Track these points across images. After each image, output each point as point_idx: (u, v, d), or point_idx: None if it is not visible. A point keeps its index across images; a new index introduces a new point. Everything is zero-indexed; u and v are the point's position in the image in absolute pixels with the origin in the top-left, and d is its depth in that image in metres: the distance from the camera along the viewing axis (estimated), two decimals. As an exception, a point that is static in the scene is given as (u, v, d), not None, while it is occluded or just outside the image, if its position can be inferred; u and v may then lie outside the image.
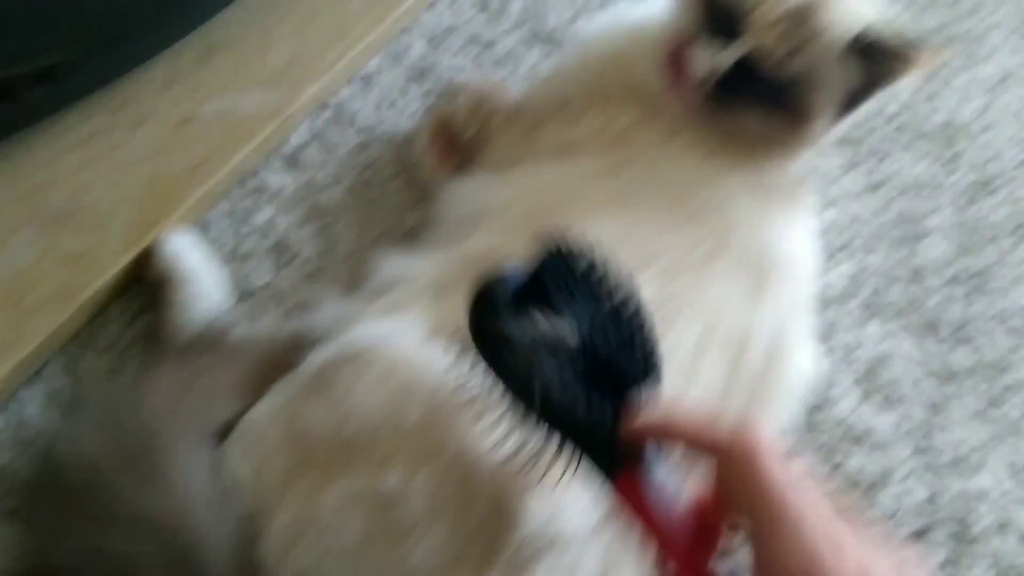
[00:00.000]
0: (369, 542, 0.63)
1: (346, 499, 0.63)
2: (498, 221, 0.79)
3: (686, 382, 0.70)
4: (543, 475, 0.55)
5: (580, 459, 0.54)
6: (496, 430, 0.57)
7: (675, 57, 0.81)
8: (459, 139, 0.93)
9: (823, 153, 1.03)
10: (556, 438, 0.53)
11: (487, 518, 0.63)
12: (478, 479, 0.63)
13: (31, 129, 0.86)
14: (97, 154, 0.87)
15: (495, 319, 0.54)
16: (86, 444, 0.63)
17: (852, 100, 0.79)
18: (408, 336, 0.70)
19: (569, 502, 0.64)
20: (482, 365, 0.54)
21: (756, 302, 0.74)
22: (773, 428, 0.77)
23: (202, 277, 0.81)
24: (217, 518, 0.63)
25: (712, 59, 0.77)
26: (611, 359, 0.54)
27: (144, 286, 0.83)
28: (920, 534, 0.77)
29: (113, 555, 0.61)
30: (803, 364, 0.80)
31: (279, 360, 0.73)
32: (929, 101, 1.10)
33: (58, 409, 0.77)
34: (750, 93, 0.78)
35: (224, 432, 0.69)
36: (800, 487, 0.46)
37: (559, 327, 0.54)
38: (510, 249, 0.74)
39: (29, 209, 0.83)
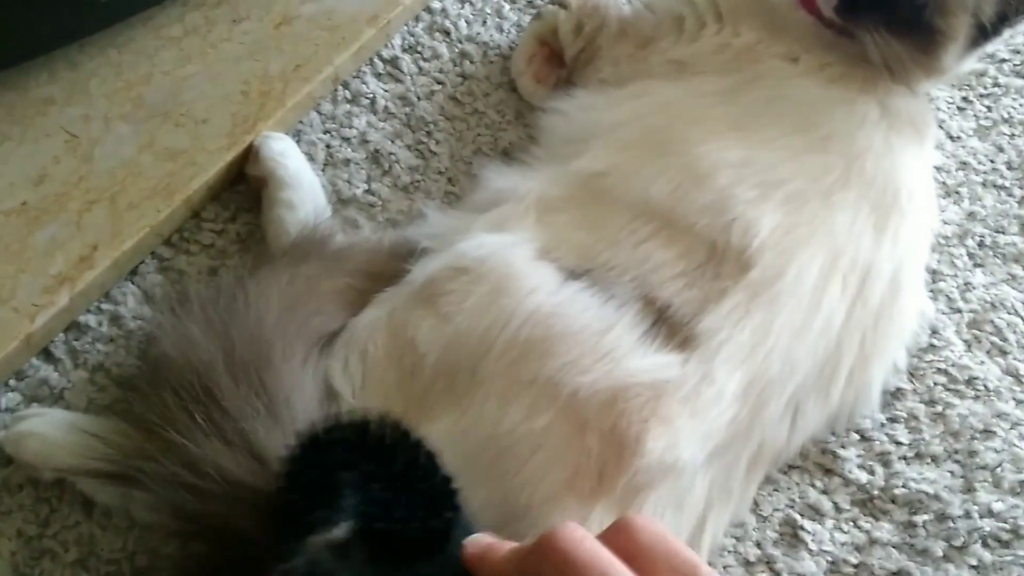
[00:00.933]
0: (475, 476, 0.60)
1: (450, 434, 0.61)
2: (610, 141, 0.76)
3: (810, 311, 0.68)
4: None
5: None
6: None
7: None
8: (563, 54, 0.89)
9: (933, 90, 0.99)
10: None
11: (599, 446, 0.61)
12: (585, 407, 0.61)
13: (129, 23, 0.84)
14: (195, 51, 0.84)
15: None
16: (191, 346, 0.60)
17: (987, 30, 0.76)
18: (518, 253, 0.68)
19: (687, 431, 0.63)
20: None
21: (880, 235, 0.72)
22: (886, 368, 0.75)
23: (302, 180, 0.79)
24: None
25: None
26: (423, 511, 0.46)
27: (241, 189, 0.82)
28: (1022, 485, 0.76)
29: (205, 475, 0.56)
30: (918, 303, 0.78)
31: (383, 270, 0.72)
32: (1044, 45, 1.05)
33: (154, 308, 0.76)
34: (883, 12, 0.74)
35: (328, 342, 0.67)
36: None
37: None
38: (626, 169, 0.73)
39: (128, 103, 0.81)
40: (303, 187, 0.78)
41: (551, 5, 0.91)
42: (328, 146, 0.86)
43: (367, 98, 0.89)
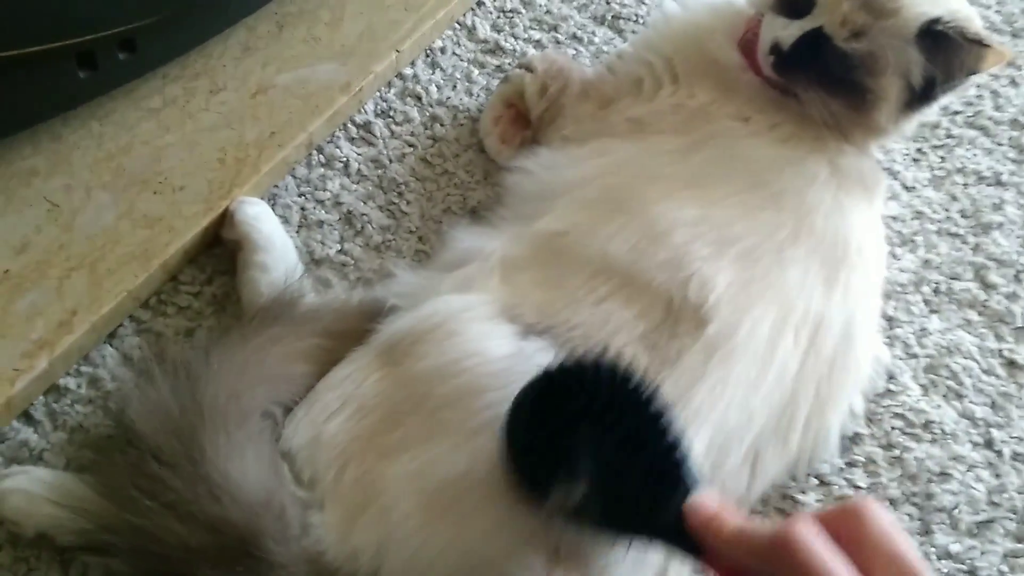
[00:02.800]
0: (433, 520, 0.62)
1: (408, 474, 0.63)
2: (571, 200, 0.79)
3: (765, 364, 0.70)
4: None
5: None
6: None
7: (751, 35, 0.81)
8: (528, 115, 0.93)
9: (889, 143, 1.02)
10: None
11: None
12: None
13: (111, 95, 0.87)
14: (174, 121, 0.88)
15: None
16: (155, 414, 0.63)
17: (923, 91, 0.79)
18: (479, 312, 0.70)
19: None
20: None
21: (830, 288, 0.74)
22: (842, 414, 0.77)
23: (275, 243, 0.82)
24: (277, 505, 0.62)
25: (780, 30, 0.77)
26: (648, 471, 0.55)
27: (218, 251, 0.85)
28: (982, 526, 0.77)
29: (166, 543, 0.61)
30: (872, 352, 0.80)
31: (352, 329, 0.74)
32: (995, 97, 1.09)
33: (132, 370, 0.78)
34: (817, 71, 0.78)
35: (295, 401, 0.70)
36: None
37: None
38: (586, 227, 0.76)
39: (108, 173, 0.84)
40: (276, 249, 0.81)
41: (518, 69, 0.95)
42: (303, 208, 0.90)
43: (340, 162, 0.93)
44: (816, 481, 0.79)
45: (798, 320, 0.73)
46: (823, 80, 0.78)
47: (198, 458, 0.63)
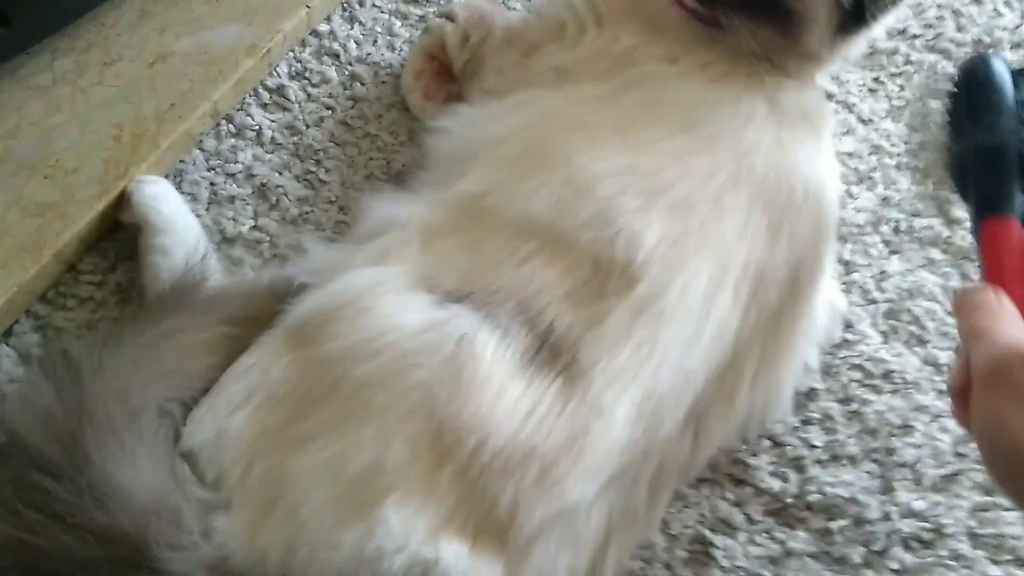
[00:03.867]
0: (349, 516, 0.58)
1: (320, 464, 0.59)
2: (491, 158, 0.73)
3: (700, 322, 0.65)
4: None
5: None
6: None
7: None
8: (451, 68, 0.87)
9: (842, 73, 0.96)
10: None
11: (471, 502, 0.59)
12: (452, 438, 0.59)
13: (-8, 73, 0.81)
14: (65, 98, 0.82)
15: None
16: (39, 417, 0.58)
17: (855, 10, 0.73)
18: (393, 285, 0.65)
19: (572, 478, 0.61)
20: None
21: (775, 235, 0.69)
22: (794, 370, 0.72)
23: (176, 224, 0.76)
24: (171, 509, 0.58)
25: None
26: None
27: (120, 237, 0.79)
28: (947, 479, 0.73)
29: (56, 557, 0.56)
30: (826, 300, 0.75)
31: (261, 312, 0.69)
32: (956, 17, 1.02)
33: (31, 368, 0.73)
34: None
35: (198, 396, 0.65)
36: None
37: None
38: (506, 187, 0.70)
39: (-7, 158, 0.78)
40: (177, 231, 0.75)
41: (439, 19, 0.89)
42: (212, 184, 0.84)
43: (252, 130, 0.87)
44: (769, 442, 0.75)
45: (738, 273, 0.67)
46: (747, 6, 0.71)
47: (82, 464, 0.58)
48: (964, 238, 0.86)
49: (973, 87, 0.65)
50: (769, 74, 0.74)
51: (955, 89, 0.67)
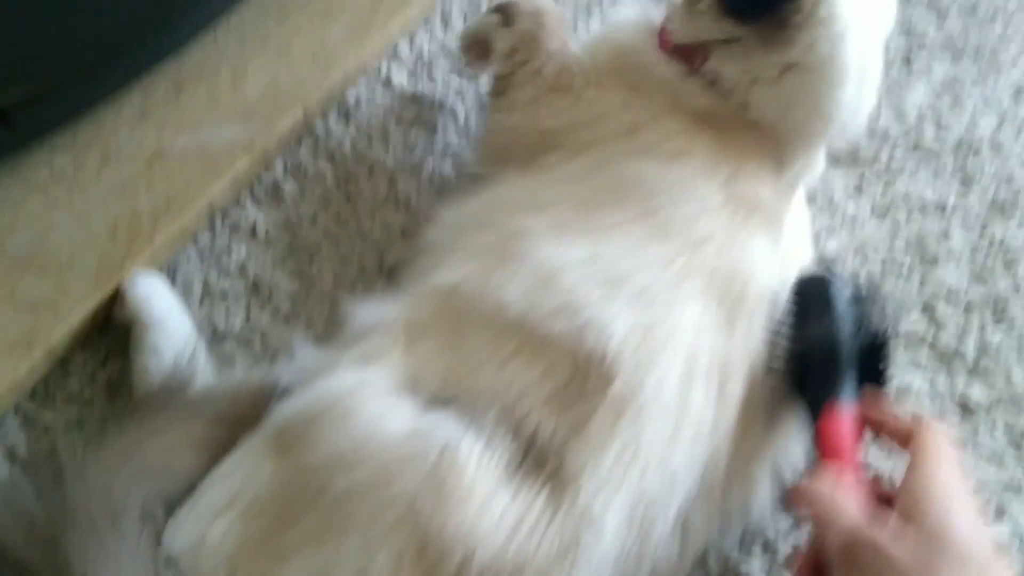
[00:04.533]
0: None
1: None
2: (465, 243, 0.73)
3: (677, 421, 0.64)
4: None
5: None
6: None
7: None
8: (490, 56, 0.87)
9: (825, 173, 0.98)
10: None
11: None
12: (437, 552, 0.58)
13: (-9, 170, 0.82)
14: (62, 194, 0.83)
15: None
16: (20, 521, 0.58)
17: None
18: (376, 388, 0.65)
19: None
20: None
21: (730, 331, 0.68)
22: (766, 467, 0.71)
23: (167, 323, 0.76)
24: None
25: None
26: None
27: (111, 332, 0.79)
28: None
29: None
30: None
31: (247, 414, 0.69)
32: (938, 120, 1.05)
33: (17, 467, 0.73)
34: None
35: (181, 498, 0.64)
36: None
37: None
38: (479, 277, 0.69)
39: (-11, 254, 0.79)
40: (168, 330, 0.76)
41: (495, 14, 0.86)
42: (205, 279, 0.84)
43: (246, 228, 0.88)
44: (760, 548, 0.74)
45: (705, 367, 0.67)
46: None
47: (63, 569, 0.57)
48: (951, 338, 0.87)
49: (808, 301, 0.70)
50: (728, 159, 0.74)
51: (794, 300, 0.70)
